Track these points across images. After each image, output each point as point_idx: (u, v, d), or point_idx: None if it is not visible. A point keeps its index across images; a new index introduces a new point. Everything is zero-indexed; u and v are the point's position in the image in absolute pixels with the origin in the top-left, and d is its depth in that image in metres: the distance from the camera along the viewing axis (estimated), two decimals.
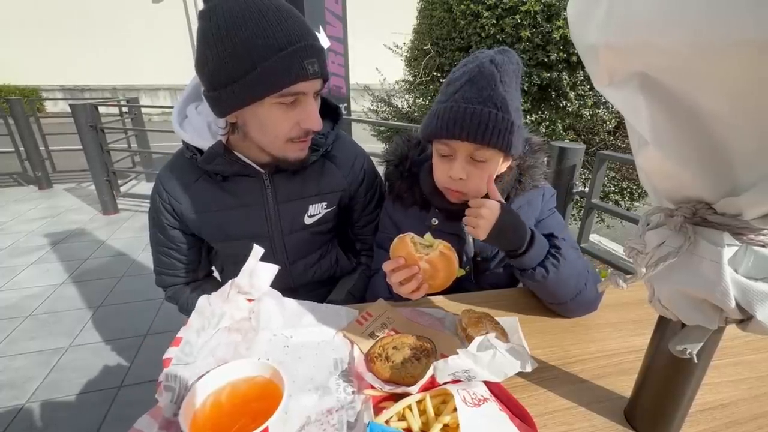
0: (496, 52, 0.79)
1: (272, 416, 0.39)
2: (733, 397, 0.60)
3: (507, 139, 0.76)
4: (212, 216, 0.91)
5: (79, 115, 3.45)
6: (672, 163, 0.38)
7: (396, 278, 0.74)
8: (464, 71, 0.78)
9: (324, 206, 0.97)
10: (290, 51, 0.69)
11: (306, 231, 0.98)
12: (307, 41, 0.71)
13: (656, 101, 0.37)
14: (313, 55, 0.72)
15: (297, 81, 0.72)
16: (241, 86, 0.70)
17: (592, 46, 0.40)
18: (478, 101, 0.74)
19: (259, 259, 0.89)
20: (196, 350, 0.54)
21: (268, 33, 0.68)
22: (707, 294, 0.39)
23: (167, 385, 0.46)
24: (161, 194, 0.91)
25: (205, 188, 0.89)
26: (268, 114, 0.75)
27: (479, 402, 0.53)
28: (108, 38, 11.18)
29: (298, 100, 0.75)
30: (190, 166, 0.89)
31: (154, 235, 0.97)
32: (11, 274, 2.68)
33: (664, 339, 0.49)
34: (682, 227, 0.41)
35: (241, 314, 0.65)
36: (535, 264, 0.77)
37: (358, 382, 0.61)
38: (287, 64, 0.69)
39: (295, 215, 0.95)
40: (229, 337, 0.60)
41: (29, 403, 1.64)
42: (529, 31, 2.66)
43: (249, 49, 0.67)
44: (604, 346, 0.72)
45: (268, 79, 0.70)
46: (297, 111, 0.77)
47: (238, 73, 0.69)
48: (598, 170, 1.81)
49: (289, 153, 0.82)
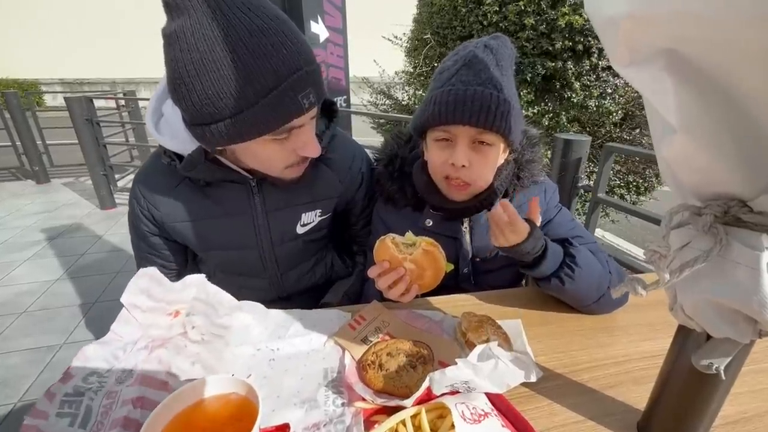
0: (489, 38, 0.76)
1: None
2: (756, 410, 0.55)
3: (508, 122, 0.71)
4: (195, 225, 0.83)
5: (74, 109, 3.40)
6: (703, 152, 0.33)
7: (383, 283, 0.72)
8: (456, 59, 0.74)
9: (318, 214, 0.90)
10: (283, 88, 0.61)
11: (298, 240, 0.90)
12: (300, 70, 0.62)
13: (686, 82, 0.32)
14: (308, 85, 0.64)
15: (291, 119, 0.65)
16: (228, 126, 0.61)
17: (611, 18, 0.34)
18: (477, 83, 0.70)
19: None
20: (105, 376, 0.49)
21: (256, 71, 0.58)
22: (741, 304, 0.34)
23: (61, 412, 0.42)
24: (139, 200, 0.83)
25: (186, 194, 0.81)
26: (262, 149, 0.69)
27: (479, 417, 0.48)
28: (107, 31, 11.11)
29: (294, 132, 0.69)
30: (169, 169, 0.79)
31: (135, 242, 0.90)
32: (7, 269, 2.65)
33: (685, 351, 0.44)
34: (711, 227, 0.36)
35: (161, 332, 0.59)
36: (548, 274, 0.74)
37: (348, 393, 0.57)
38: (280, 102, 0.61)
39: (286, 224, 0.87)
40: (150, 355, 0.54)
41: (21, 402, 1.62)
42: (533, 19, 2.58)
43: (234, 91, 0.58)
44: (614, 351, 0.67)
45: (259, 121, 0.62)
46: (293, 141, 0.70)
47: (224, 114, 0.60)
48: (605, 163, 1.75)
49: (286, 175, 0.77)
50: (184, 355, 0.55)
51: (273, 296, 0.96)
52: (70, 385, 0.46)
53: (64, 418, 0.43)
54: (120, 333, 0.55)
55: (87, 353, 0.52)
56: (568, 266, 0.73)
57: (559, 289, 0.74)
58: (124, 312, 0.56)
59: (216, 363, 0.58)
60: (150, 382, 0.49)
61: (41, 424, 0.42)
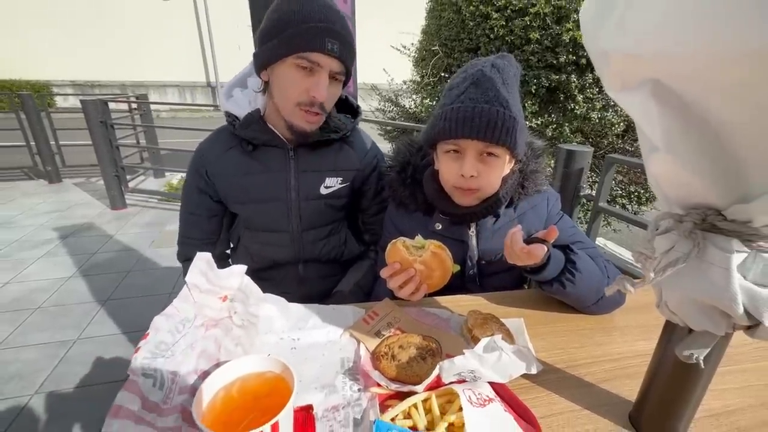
0: (495, 57, 0.82)
1: (282, 411, 0.40)
2: (740, 404, 0.60)
3: (513, 137, 0.77)
4: (238, 179, 1.01)
5: (89, 111, 3.49)
6: (683, 169, 0.39)
7: (394, 283, 0.77)
8: (465, 76, 0.81)
9: (339, 181, 1.06)
10: (316, 26, 0.82)
11: (321, 201, 1.06)
12: (335, 25, 0.84)
13: (668, 108, 0.37)
14: (335, 38, 0.84)
15: (313, 50, 0.83)
16: (272, 45, 0.85)
17: (604, 51, 0.40)
18: (484, 101, 0.76)
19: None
20: (172, 346, 0.55)
21: (305, 8, 0.82)
22: (715, 300, 0.39)
23: (146, 372, 0.48)
24: (198, 160, 1.04)
25: (235, 155, 1.01)
26: (287, 73, 0.87)
27: (485, 402, 0.53)
28: (118, 35, 11.31)
29: (314, 70, 0.86)
30: (226, 137, 1.03)
31: (186, 198, 1.09)
32: (21, 266, 2.72)
33: (671, 344, 0.49)
34: (691, 233, 0.41)
35: (213, 313, 0.65)
36: (550, 278, 0.79)
37: (364, 380, 0.62)
38: (310, 34, 0.82)
39: (312, 184, 1.04)
40: (207, 333, 0.61)
41: (37, 394, 1.67)
42: (539, 33, 2.65)
43: (285, 18, 0.82)
44: (610, 350, 0.72)
45: (291, 41, 0.82)
46: (310, 80, 0.86)
47: (272, 34, 0.84)
48: (606, 173, 1.80)
49: (296, 120, 0.92)
50: (230, 337, 0.62)
51: (291, 256, 1.09)
52: (148, 350, 0.52)
53: (148, 379, 0.49)
54: (179, 308, 0.60)
55: (157, 324, 0.58)
56: (569, 271, 0.78)
57: (561, 292, 0.79)
58: (185, 290, 0.62)
59: (251, 348, 0.64)
60: (207, 356, 0.56)
61: (140, 381, 0.48)
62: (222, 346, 0.59)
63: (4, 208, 3.78)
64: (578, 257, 0.80)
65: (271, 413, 0.39)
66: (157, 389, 0.47)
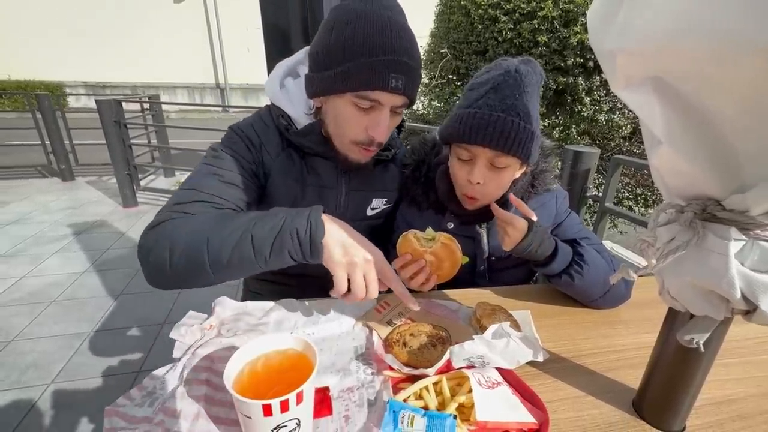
0: (520, 61, 0.81)
1: (305, 383, 0.43)
2: (741, 393, 0.62)
3: (527, 148, 0.78)
4: (293, 185, 0.90)
5: (104, 111, 3.57)
6: (684, 161, 0.41)
7: (405, 273, 0.79)
8: (487, 78, 0.80)
9: (384, 202, 1.01)
10: (380, 60, 0.72)
11: (364, 222, 1.00)
12: (402, 56, 0.73)
13: (669, 103, 0.40)
14: (401, 72, 0.74)
15: (375, 89, 0.74)
16: (330, 76, 0.75)
17: (609, 51, 0.43)
18: (501, 109, 0.76)
19: None
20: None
21: (368, 38, 0.71)
22: (714, 285, 0.42)
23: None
24: (252, 140, 0.87)
25: (293, 157, 0.90)
26: (343, 109, 0.78)
27: (493, 385, 0.56)
28: (129, 37, 11.49)
29: (374, 107, 0.77)
30: (275, 136, 0.89)
31: (213, 164, 0.82)
32: (37, 261, 2.79)
33: (673, 330, 0.51)
34: (692, 223, 0.43)
35: (200, 341, 0.65)
36: (558, 271, 0.81)
37: (377, 364, 0.65)
38: (372, 70, 0.72)
39: (360, 204, 0.98)
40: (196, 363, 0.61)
41: (54, 384, 1.72)
42: (546, 36, 2.67)
43: (346, 47, 0.72)
44: (614, 341, 0.74)
45: (349, 78, 0.73)
46: (369, 117, 0.78)
47: (331, 64, 0.74)
48: (612, 174, 1.81)
49: (351, 154, 0.85)
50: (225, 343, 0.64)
51: (322, 272, 0.99)
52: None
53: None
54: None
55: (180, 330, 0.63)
56: (577, 264, 0.81)
57: (569, 284, 0.81)
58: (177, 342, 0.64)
59: None
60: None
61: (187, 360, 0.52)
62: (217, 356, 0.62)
63: (19, 205, 3.87)
64: (586, 250, 0.82)
65: (295, 386, 0.42)
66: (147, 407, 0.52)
